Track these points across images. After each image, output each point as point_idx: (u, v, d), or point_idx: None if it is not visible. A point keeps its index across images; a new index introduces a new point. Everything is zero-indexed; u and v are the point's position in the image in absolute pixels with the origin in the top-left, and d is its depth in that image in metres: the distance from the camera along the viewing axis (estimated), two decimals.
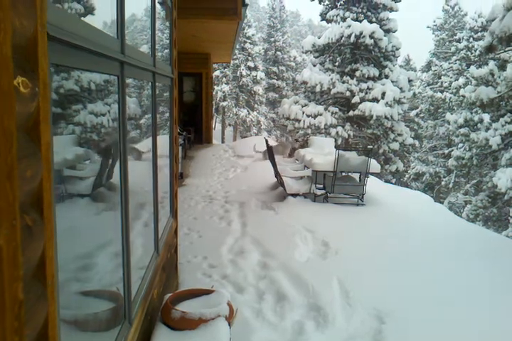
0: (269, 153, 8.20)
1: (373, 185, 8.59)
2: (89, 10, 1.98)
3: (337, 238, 5.86)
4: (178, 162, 10.51)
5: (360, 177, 7.84)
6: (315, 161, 7.56)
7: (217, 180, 10.77)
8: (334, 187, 7.55)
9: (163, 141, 4.55)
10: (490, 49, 7.32)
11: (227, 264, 5.32)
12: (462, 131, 15.24)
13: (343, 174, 7.90)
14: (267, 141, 8.48)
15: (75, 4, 1.82)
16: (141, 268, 3.21)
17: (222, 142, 42.30)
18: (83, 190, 2.28)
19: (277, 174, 8.04)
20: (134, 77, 2.82)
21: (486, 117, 16.25)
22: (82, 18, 1.78)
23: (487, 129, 14.98)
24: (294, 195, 7.69)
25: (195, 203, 8.38)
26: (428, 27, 38.76)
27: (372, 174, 7.90)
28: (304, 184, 7.75)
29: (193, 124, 16.88)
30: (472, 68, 15.71)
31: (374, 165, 7.63)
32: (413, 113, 32.83)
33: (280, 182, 8.00)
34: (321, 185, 8.08)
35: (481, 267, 5.07)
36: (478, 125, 15.27)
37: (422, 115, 33.83)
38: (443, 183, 30.88)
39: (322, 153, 8.46)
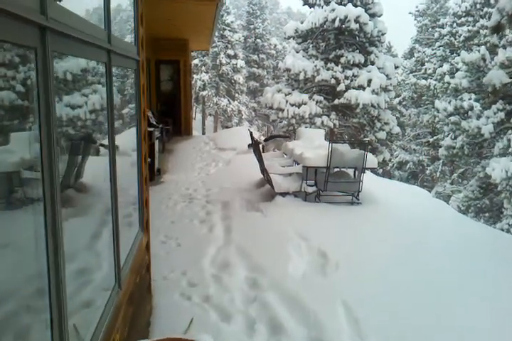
0: (254, 147, 7.39)
1: (366, 180, 7.83)
2: None
3: (335, 246, 5.11)
4: (155, 157, 9.66)
5: (354, 173, 7.09)
6: (306, 156, 6.78)
7: (198, 176, 9.95)
8: (327, 184, 6.79)
9: (128, 137, 3.72)
10: (497, 28, 6.59)
11: (209, 281, 4.54)
12: (453, 119, 14.61)
13: (336, 169, 7.13)
14: (251, 134, 7.67)
15: None
16: (93, 309, 2.41)
17: (203, 133, 41.30)
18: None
19: (264, 170, 7.25)
20: (70, 52, 1.98)
21: (477, 105, 15.63)
22: None
23: (478, 117, 14.37)
24: (283, 194, 6.91)
25: (174, 203, 7.56)
26: (410, 13, 38.14)
27: (369, 169, 7.16)
28: (293, 181, 6.97)
29: (171, 115, 15.97)
30: (463, 53, 15.05)
31: (371, 160, 6.88)
32: (395, 101, 32.29)
33: (267, 180, 7.22)
34: (312, 181, 7.32)
35: None
36: (469, 113, 14.67)
37: (404, 103, 33.34)
38: (427, 172, 30.49)
39: (312, 146, 7.68)
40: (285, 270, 4.54)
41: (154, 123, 9.61)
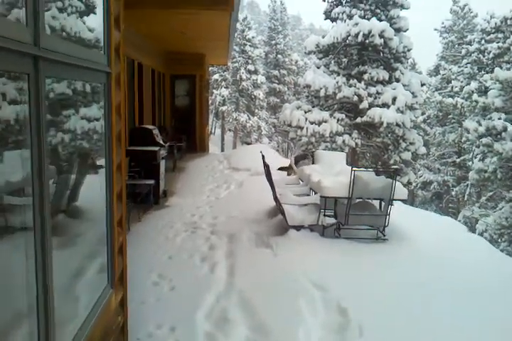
0: (266, 173, 6.55)
1: (393, 210, 6.89)
2: None
3: (357, 300, 4.20)
4: (161, 178, 8.88)
5: (380, 204, 6.19)
6: (324, 185, 5.90)
7: (207, 199, 9.14)
8: (348, 217, 5.90)
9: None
10: None
11: None
12: (484, 140, 13.60)
13: (358, 200, 6.21)
14: (263, 157, 6.84)
15: None
16: None
17: (222, 148, 40.71)
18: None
19: (276, 199, 6.40)
20: None
21: (507, 124, 14.57)
22: None
23: None
24: (298, 228, 6.03)
25: (175, 234, 6.73)
26: (436, 29, 37.29)
27: (398, 201, 6.23)
28: (309, 213, 6.09)
29: (186, 131, 15.39)
30: (497, 70, 14.10)
31: (400, 190, 5.97)
32: (420, 119, 31.31)
33: (280, 210, 6.36)
34: (331, 211, 6.44)
35: None
36: (503, 134, 13.64)
37: (428, 121, 32.34)
38: (453, 193, 29.28)
39: (331, 172, 6.81)
40: (294, 334, 3.64)
41: (161, 142, 8.85)
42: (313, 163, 7.67)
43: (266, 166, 6.43)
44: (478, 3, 41.93)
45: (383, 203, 6.12)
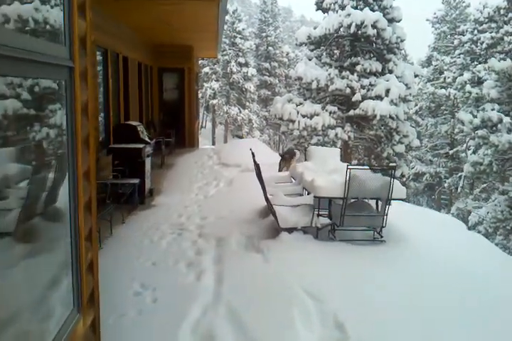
0: (257, 172, 6.20)
1: (391, 209, 6.56)
2: None
3: (355, 311, 3.87)
4: (146, 177, 8.51)
5: (377, 204, 5.86)
6: (318, 184, 5.55)
7: (195, 198, 8.79)
8: (344, 218, 5.56)
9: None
10: None
11: None
12: (480, 132, 13.31)
13: (354, 199, 5.87)
14: (253, 155, 6.48)
15: None
16: None
17: (213, 142, 40.29)
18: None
19: (267, 200, 6.05)
20: None
21: (502, 116, 14.28)
22: None
23: (509, 131, 13.04)
24: (290, 230, 5.69)
25: (160, 237, 6.36)
26: (427, 20, 36.97)
27: (396, 200, 5.88)
28: (302, 215, 5.74)
29: (174, 126, 14.97)
30: (492, 61, 13.79)
31: (398, 189, 5.64)
32: (412, 110, 31.10)
33: (271, 211, 6.01)
34: (326, 210, 6.11)
35: None
36: (498, 126, 13.32)
37: (420, 112, 32.14)
38: (446, 185, 29.11)
39: (325, 170, 6.46)
40: None
41: (146, 138, 8.47)
42: (305, 160, 7.32)
43: (256, 165, 6.07)
44: None
45: (380, 203, 5.78)
